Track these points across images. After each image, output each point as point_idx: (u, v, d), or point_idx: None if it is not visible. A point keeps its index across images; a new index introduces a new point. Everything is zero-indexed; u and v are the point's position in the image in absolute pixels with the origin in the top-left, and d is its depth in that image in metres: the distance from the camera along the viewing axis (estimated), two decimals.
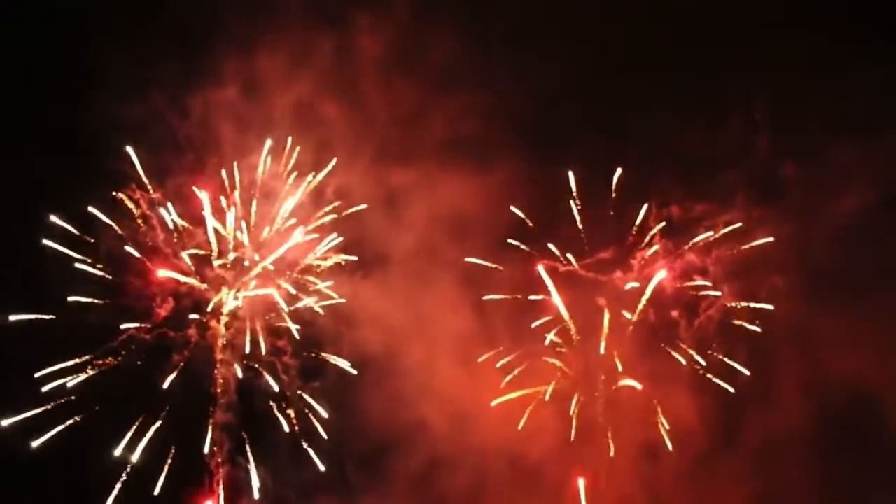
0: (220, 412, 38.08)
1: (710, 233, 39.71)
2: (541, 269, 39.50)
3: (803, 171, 39.13)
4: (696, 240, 39.83)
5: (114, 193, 37.26)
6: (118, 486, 36.62)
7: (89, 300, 37.02)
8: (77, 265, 36.99)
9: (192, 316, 38.20)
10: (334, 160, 38.52)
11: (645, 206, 40.02)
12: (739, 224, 39.55)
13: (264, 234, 38.61)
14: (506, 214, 40.09)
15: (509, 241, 39.95)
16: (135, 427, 36.72)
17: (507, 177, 39.04)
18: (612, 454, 39.66)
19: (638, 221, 40.15)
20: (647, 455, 39.45)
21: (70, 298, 36.72)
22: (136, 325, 37.48)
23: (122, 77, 35.98)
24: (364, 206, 38.61)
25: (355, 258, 38.85)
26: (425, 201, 39.07)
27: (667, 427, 38.96)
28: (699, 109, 38.79)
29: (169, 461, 36.95)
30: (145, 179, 37.60)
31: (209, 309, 38.26)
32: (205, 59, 36.89)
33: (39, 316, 36.57)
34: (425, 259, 39.23)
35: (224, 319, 38.31)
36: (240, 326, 38.38)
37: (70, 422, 36.33)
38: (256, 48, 37.68)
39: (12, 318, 36.38)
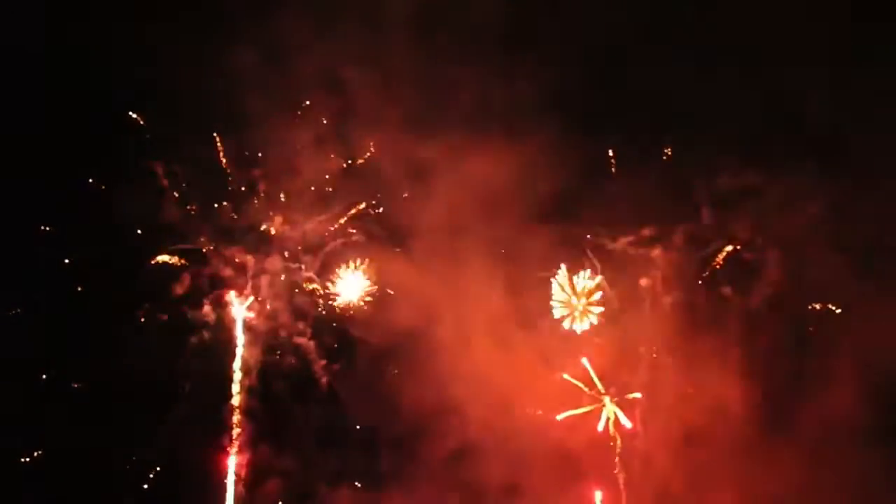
0: (242, 396, 36.17)
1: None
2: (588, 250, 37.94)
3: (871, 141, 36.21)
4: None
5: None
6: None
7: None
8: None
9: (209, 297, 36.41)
10: (373, 144, 36.91)
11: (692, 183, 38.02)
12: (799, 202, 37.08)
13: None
14: (544, 190, 37.58)
15: (547, 219, 37.73)
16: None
17: (546, 150, 36.51)
18: (648, 446, 37.87)
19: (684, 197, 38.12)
20: (686, 447, 37.41)
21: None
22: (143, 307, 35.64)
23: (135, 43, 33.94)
24: (406, 194, 36.96)
25: (397, 249, 37.14)
26: (458, 177, 36.74)
27: (707, 418, 36.83)
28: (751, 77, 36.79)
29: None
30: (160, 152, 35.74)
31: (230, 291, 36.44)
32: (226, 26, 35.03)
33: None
34: (458, 237, 37.03)
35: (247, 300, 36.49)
36: (262, 308, 36.61)
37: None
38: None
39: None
